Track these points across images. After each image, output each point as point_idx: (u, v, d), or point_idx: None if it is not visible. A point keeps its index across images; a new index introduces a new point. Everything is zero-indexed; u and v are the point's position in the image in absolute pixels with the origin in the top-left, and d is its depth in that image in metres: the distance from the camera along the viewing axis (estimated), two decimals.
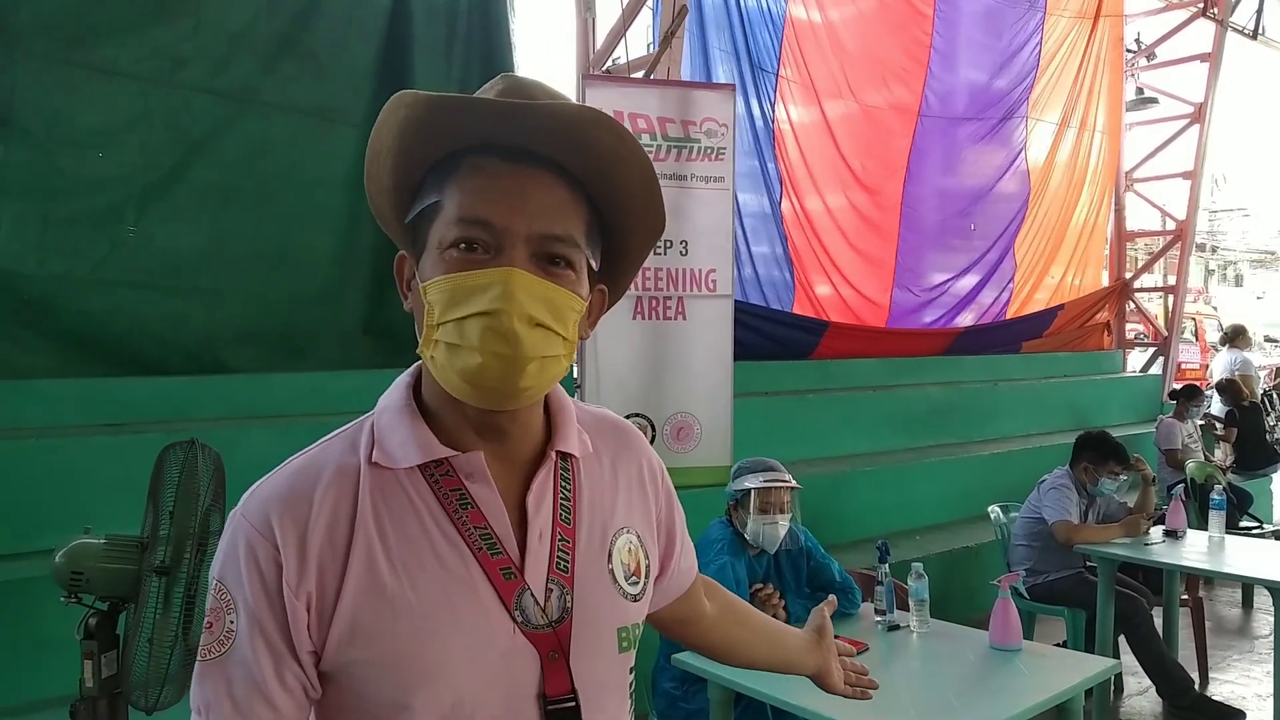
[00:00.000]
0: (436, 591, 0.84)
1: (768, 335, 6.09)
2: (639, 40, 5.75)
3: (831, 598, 1.39)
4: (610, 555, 0.95)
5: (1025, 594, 4.04)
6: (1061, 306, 8.55)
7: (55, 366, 3.75)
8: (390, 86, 4.70)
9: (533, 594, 0.88)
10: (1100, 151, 8.87)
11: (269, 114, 4.30)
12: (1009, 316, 8.19)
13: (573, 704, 0.88)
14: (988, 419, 7.17)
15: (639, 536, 1.00)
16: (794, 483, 2.89)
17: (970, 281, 7.91)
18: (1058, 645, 4.24)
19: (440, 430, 0.89)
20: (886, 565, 2.86)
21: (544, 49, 12.98)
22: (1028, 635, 3.87)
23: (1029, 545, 4.21)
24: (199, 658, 0.85)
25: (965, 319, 7.84)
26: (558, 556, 0.91)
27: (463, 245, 0.82)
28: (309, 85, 4.42)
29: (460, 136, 0.85)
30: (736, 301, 4.49)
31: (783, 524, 2.84)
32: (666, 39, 5.09)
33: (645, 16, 5.56)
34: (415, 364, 0.94)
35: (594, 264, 0.91)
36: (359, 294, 4.66)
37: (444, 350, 0.82)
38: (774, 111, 6.38)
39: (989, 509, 4.59)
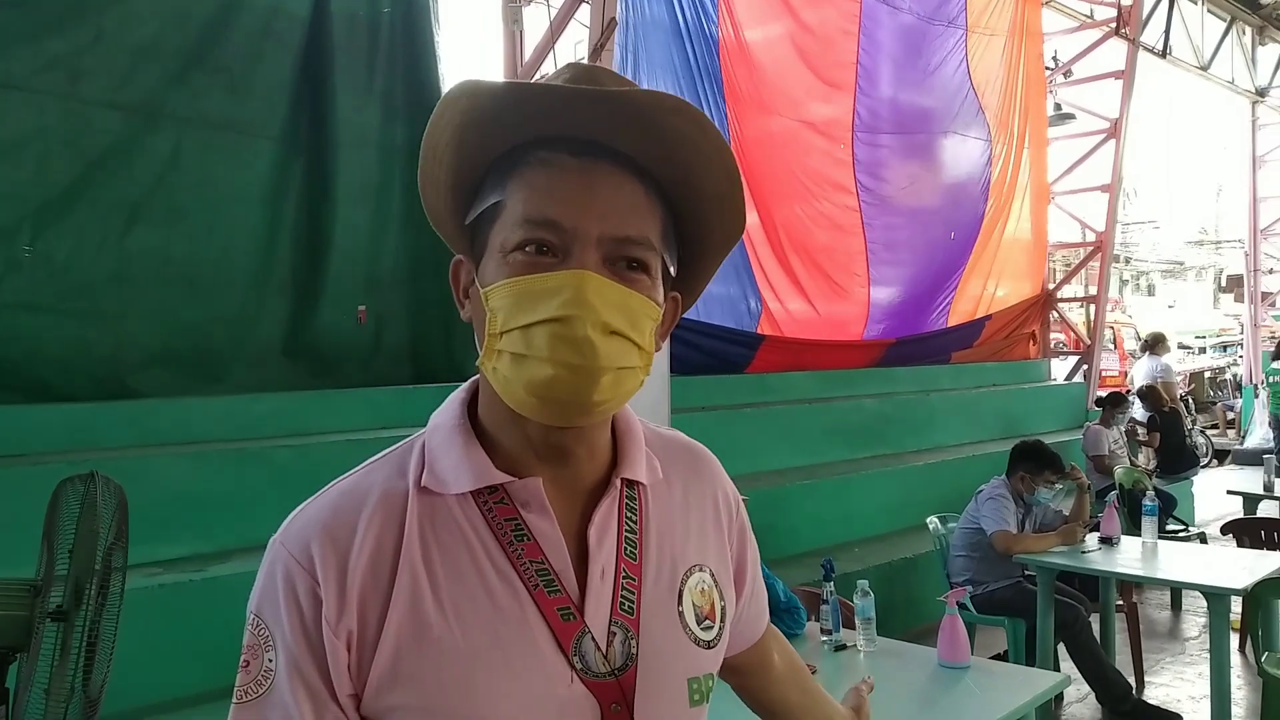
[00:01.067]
0: (487, 632, 0.76)
1: (703, 350, 6.04)
2: (567, 54, 5.66)
3: (869, 678, 1.32)
4: (681, 596, 0.86)
5: (972, 608, 4.03)
6: (989, 317, 8.69)
7: None
8: (308, 99, 4.56)
9: (594, 638, 0.78)
10: (1027, 165, 9.06)
11: (178, 128, 4.11)
12: (947, 325, 8.28)
13: None
14: (922, 429, 7.23)
15: (713, 575, 0.90)
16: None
17: (924, 290, 7.98)
18: (998, 656, 4.25)
19: (497, 452, 0.81)
20: (831, 583, 2.79)
21: (471, 62, 12.84)
22: (970, 645, 3.87)
23: (968, 556, 4.20)
24: (235, 699, 0.77)
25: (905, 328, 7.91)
26: (622, 596, 0.81)
27: (529, 248, 0.75)
28: (220, 99, 4.24)
29: (525, 128, 0.77)
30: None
31: None
32: (596, 51, 5.01)
33: (574, 30, 5.49)
34: (471, 379, 0.86)
35: (671, 268, 0.82)
36: (277, 313, 4.49)
37: (508, 361, 0.75)
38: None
39: (927, 520, 4.58)
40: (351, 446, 3.87)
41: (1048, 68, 9.82)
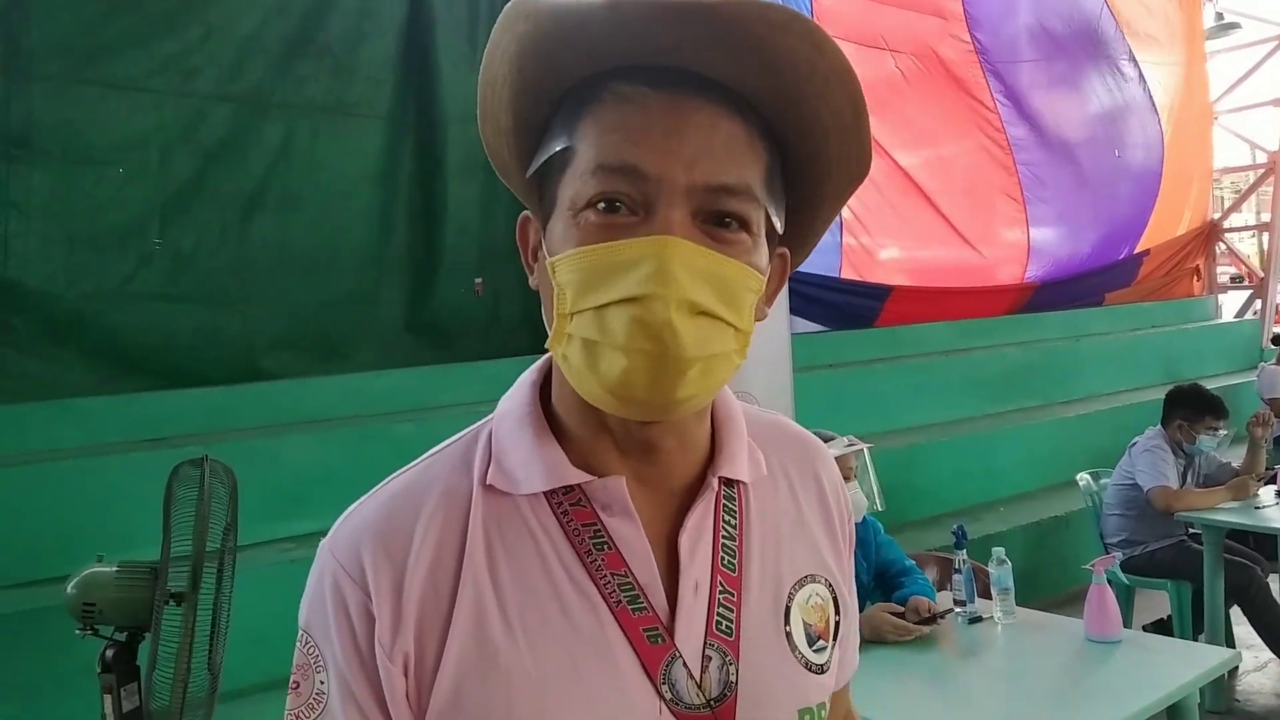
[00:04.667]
0: (562, 656, 0.65)
1: (825, 304, 5.79)
2: None
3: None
4: (788, 613, 0.73)
5: (1122, 575, 3.71)
6: (1147, 252, 8.03)
7: (91, 384, 3.73)
8: (413, 76, 4.57)
9: (685, 663, 0.67)
10: (1179, 86, 8.27)
11: (287, 116, 4.22)
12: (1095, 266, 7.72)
13: None
14: (1071, 378, 6.75)
15: (829, 585, 0.77)
16: (859, 445, 2.66)
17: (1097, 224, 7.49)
18: (1161, 621, 3.91)
19: (573, 445, 0.70)
20: (964, 551, 2.58)
21: None
22: (1126, 612, 3.56)
23: (1123, 515, 3.86)
24: None
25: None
26: (719, 614, 0.69)
27: (602, 204, 0.62)
28: (326, 83, 4.32)
29: (598, 55, 0.64)
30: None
31: (854, 492, 2.58)
32: None
33: None
34: (544, 357, 0.73)
35: (777, 223, 0.67)
36: (397, 290, 4.57)
37: (579, 348, 0.63)
38: None
39: (1078, 476, 4.25)
40: (471, 418, 3.87)
41: None
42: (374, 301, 4.48)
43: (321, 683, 0.67)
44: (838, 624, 0.77)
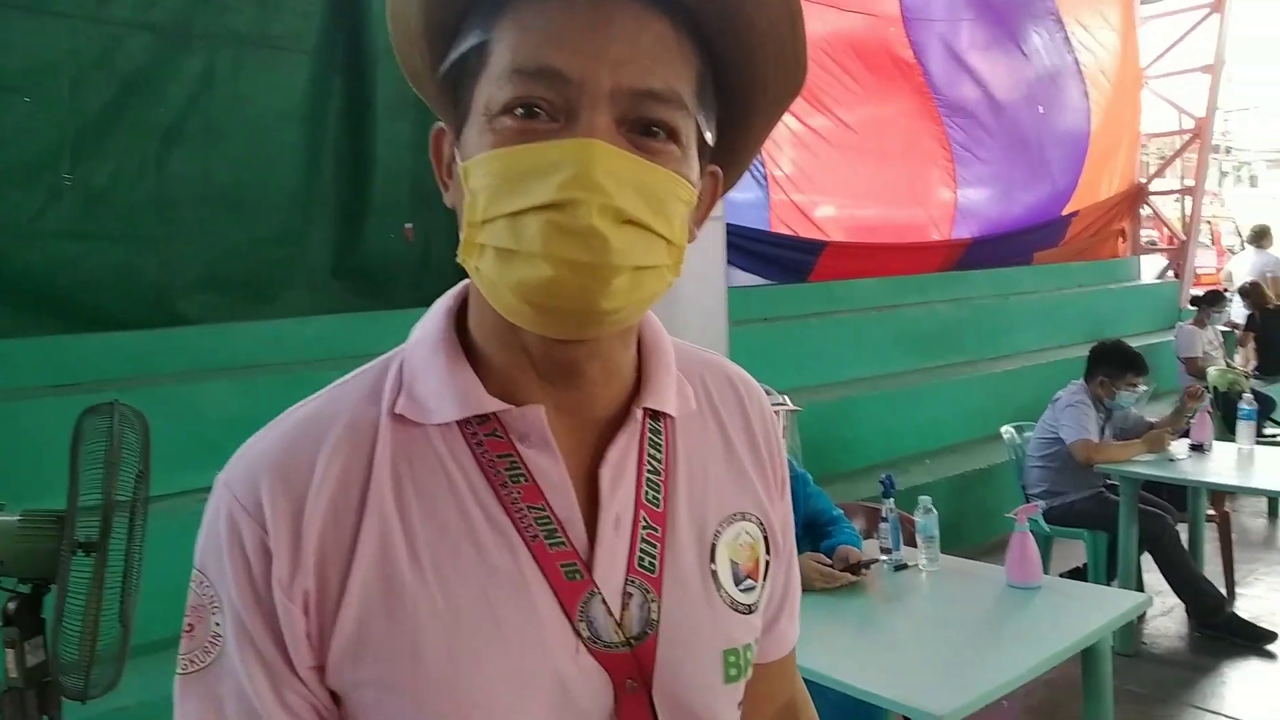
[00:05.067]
0: (474, 593, 0.62)
1: (761, 257, 5.80)
2: None
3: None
4: (714, 551, 0.70)
5: (1044, 524, 3.81)
6: (1076, 213, 8.20)
7: None
8: (343, 8, 4.38)
9: (604, 600, 0.64)
10: (1116, 50, 8.39)
11: (210, 47, 3.98)
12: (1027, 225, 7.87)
13: None
14: (999, 335, 6.92)
15: (760, 525, 0.74)
16: (789, 405, 2.66)
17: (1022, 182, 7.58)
18: (1077, 569, 4.05)
19: (490, 372, 0.66)
20: (892, 500, 2.62)
21: None
22: (1045, 560, 3.66)
23: (1045, 466, 3.98)
24: (179, 669, 0.64)
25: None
26: (641, 550, 0.66)
27: (519, 110, 0.58)
28: (251, 14, 4.09)
29: None
30: (728, 225, 4.21)
31: None
32: None
33: None
34: (462, 283, 0.69)
35: (707, 134, 0.63)
36: (325, 234, 4.40)
37: (493, 258, 0.59)
38: None
39: (1001, 429, 4.35)
40: None
41: None
42: (300, 244, 4.31)
43: (217, 624, 0.63)
44: (768, 564, 0.74)
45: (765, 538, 0.75)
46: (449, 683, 0.60)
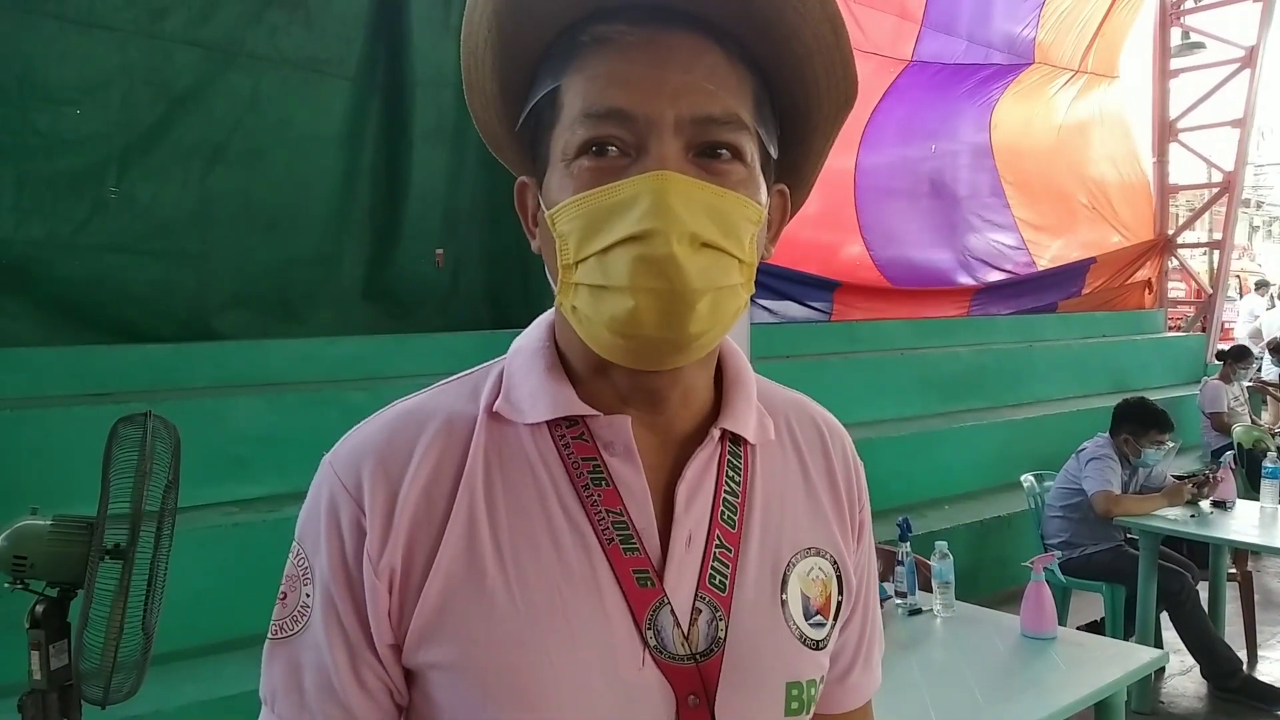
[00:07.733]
0: (549, 588, 0.64)
1: (779, 292, 5.86)
2: None
3: None
4: (785, 581, 0.71)
5: (1060, 575, 3.78)
6: (1094, 259, 8.15)
7: (36, 334, 3.60)
8: (385, 36, 4.49)
9: (673, 611, 0.65)
10: (1119, 100, 8.35)
11: (256, 67, 4.09)
12: (1038, 270, 7.79)
13: None
14: (1021, 382, 6.87)
15: (834, 563, 0.75)
16: None
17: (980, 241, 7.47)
18: (1094, 623, 4.00)
19: (582, 387, 0.69)
20: (908, 544, 2.63)
21: None
22: (1062, 612, 3.64)
23: (1065, 517, 3.95)
24: (270, 634, 0.69)
25: (991, 276, 7.45)
26: (713, 568, 0.68)
27: (593, 150, 0.62)
28: (298, 36, 4.20)
29: (574, 3, 0.63)
30: None
31: None
32: None
33: None
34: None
35: (771, 150, 0.67)
36: (357, 256, 4.49)
37: (587, 296, 0.62)
38: None
39: (1021, 478, 4.33)
40: None
41: None
42: (332, 266, 4.39)
43: (307, 595, 0.67)
44: (839, 604, 0.75)
45: (839, 577, 0.75)
46: (515, 672, 0.63)
